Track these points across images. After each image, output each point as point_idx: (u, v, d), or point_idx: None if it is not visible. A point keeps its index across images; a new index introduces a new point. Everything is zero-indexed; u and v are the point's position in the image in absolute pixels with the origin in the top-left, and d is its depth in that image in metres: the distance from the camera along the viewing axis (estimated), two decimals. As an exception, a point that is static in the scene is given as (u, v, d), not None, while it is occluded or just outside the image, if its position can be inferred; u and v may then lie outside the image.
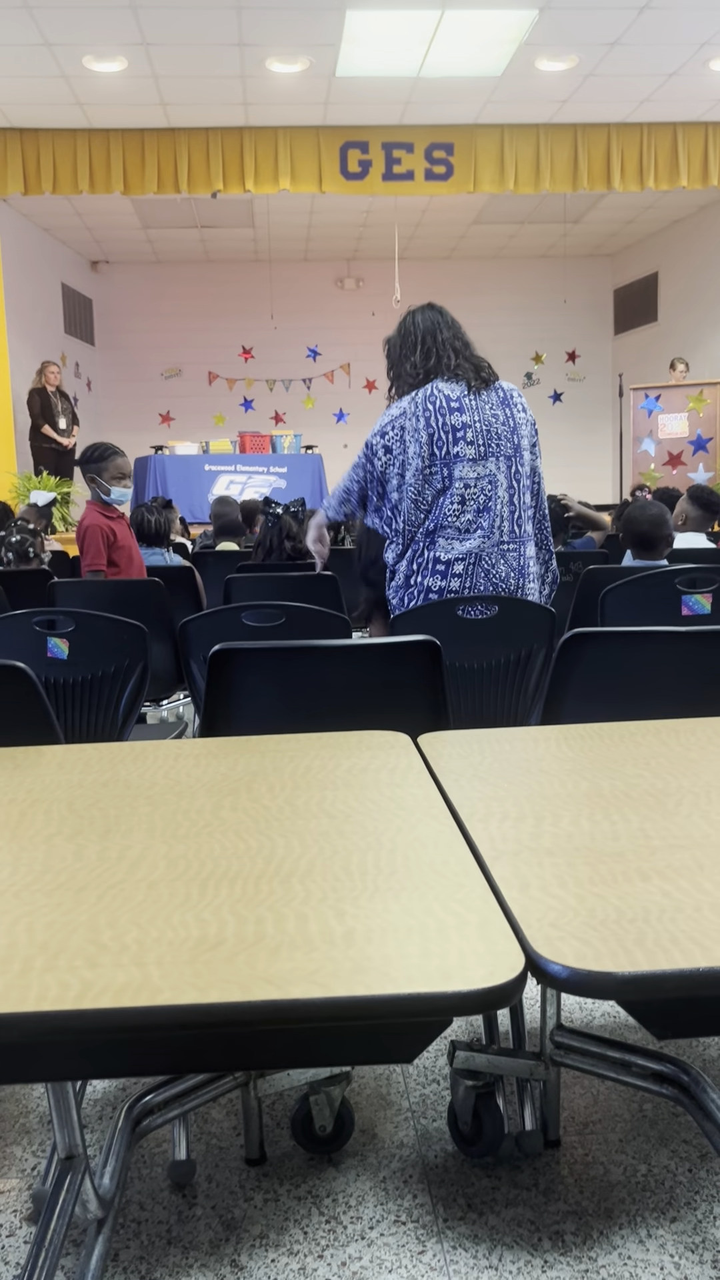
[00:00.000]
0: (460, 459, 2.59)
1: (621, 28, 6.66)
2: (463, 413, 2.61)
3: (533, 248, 12.33)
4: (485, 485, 2.60)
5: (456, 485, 2.60)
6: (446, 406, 2.61)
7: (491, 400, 2.64)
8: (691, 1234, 1.51)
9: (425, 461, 2.61)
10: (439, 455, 2.60)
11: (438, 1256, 1.48)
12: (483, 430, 2.61)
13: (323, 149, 8.18)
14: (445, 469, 2.60)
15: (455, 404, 2.61)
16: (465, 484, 2.59)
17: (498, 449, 2.61)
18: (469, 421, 2.60)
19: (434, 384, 2.66)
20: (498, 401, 2.65)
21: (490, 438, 2.61)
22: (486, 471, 2.60)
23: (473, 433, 2.60)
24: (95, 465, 3.87)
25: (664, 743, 1.46)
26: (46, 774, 1.40)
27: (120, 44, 6.67)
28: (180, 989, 0.78)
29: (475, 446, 2.60)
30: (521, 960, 0.81)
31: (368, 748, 1.47)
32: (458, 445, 2.59)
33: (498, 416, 2.63)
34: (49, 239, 10.89)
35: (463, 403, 2.62)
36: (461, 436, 2.60)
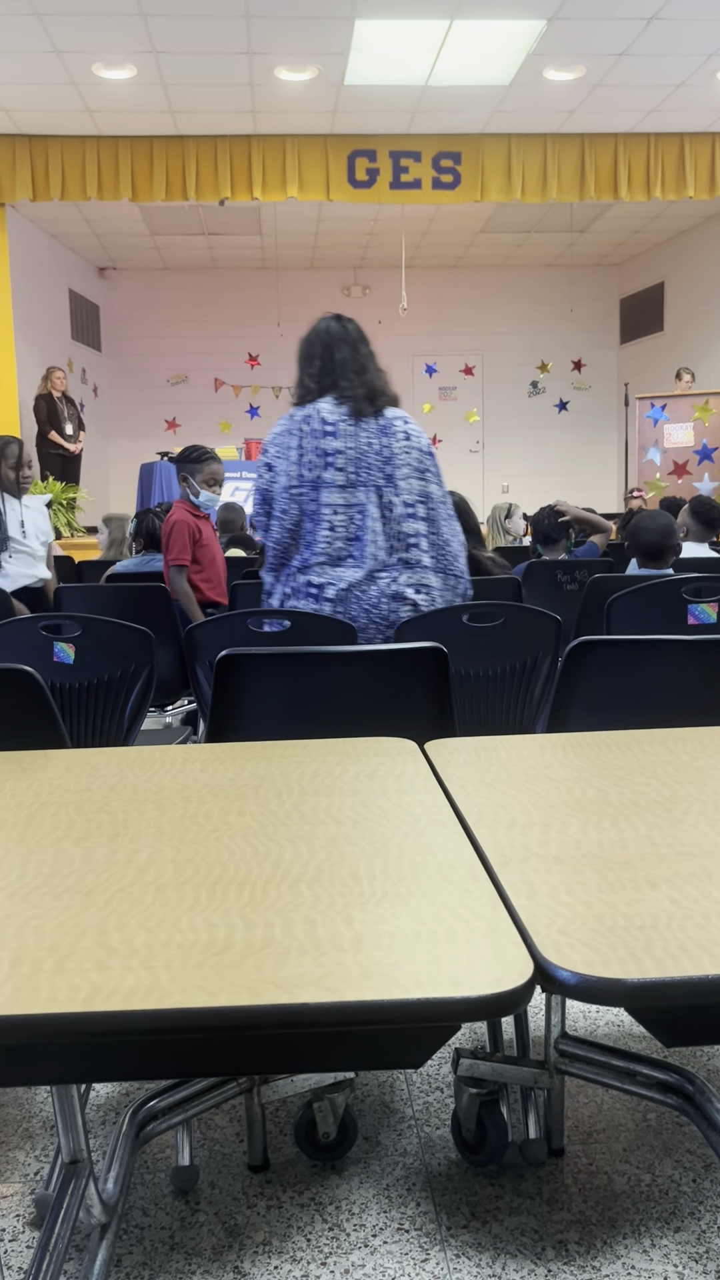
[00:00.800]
0: (328, 485, 2.55)
1: (629, 38, 6.69)
2: (336, 438, 2.56)
3: (539, 257, 12.36)
4: (355, 514, 2.56)
5: (325, 512, 2.56)
6: (321, 430, 2.57)
7: (370, 428, 2.59)
8: (695, 1244, 1.50)
9: (293, 481, 2.57)
10: (307, 478, 2.56)
11: (441, 1265, 1.47)
12: (354, 458, 2.56)
13: (330, 157, 8.21)
14: (313, 492, 2.56)
15: (330, 428, 2.57)
16: (334, 510, 2.56)
17: (368, 478, 2.56)
18: (340, 448, 2.56)
19: (318, 404, 2.62)
20: (376, 430, 2.60)
21: (361, 466, 2.56)
22: (356, 500, 2.56)
23: (343, 459, 2.56)
24: (190, 466, 3.95)
25: (671, 751, 1.46)
26: (54, 778, 1.40)
27: (130, 51, 6.70)
28: (189, 992, 0.79)
29: (345, 474, 2.56)
30: (530, 966, 0.81)
31: (375, 754, 1.47)
32: (327, 470, 2.55)
33: (372, 445, 2.58)
34: (57, 245, 10.93)
35: (338, 428, 2.57)
36: (331, 463, 2.56)
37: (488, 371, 13.07)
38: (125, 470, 11.86)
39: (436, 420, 13.15)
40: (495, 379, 13.09)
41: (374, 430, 2.60)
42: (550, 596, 3.93)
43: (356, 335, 2.73)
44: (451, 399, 13.13)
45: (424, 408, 13.10)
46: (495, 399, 13.14)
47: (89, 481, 9.91)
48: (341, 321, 2.74)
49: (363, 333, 2.75)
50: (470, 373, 13.07)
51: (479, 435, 13.20)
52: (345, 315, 2.77)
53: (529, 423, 13.18)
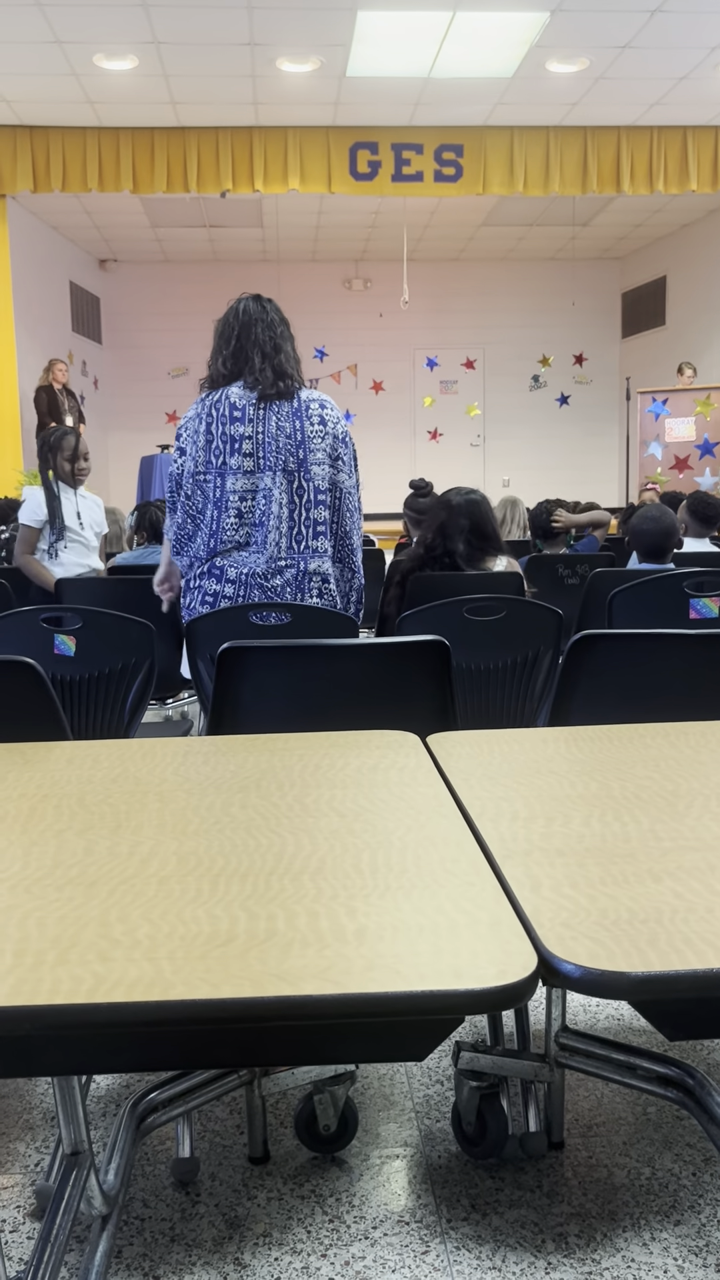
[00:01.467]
0: (234, 471, 2.50)
1: (633, 30, 6.66)
2: (243, 423, 2.50)
3: (541, 250, 12.33)
4: (260, 499, 2.50)
5: (230, 499, 2.50)
6: (229, 415, 2.51)
7: (281, 411, 2.52)
8: (695, 1238, 1.51)
9: (200, 467, 2.52)
10: (214, 464, 2.51)
11: (441, 1257, 1.47)
12: (261, 442, 2.50)
13: (332, 149, 8.19)
14: (219, 479, 2.50)
15: (238, 413, 2.50)
16: (240, 497, 2.50)
17: (276, 462, 2.50)
18: (248, 433, 2.49)
19: (227, 390, 2.55)
20: (288, 413, 2.52)
21: (269, 450, 2.49)
22: (262, 485, 2.50)
23: (250, 444, 2.50)
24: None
25: (673, 745, 1.45)
26: (56, 769, 1.40)
27: (131, 42, 6.67)
28: (192, 984, 0.78)
29: (252, 459, 2.49)
30: (534, 959, 0.81)
31: (376, 747, 1.46)
32: (233, 456, 2.49)
33: (283, 429, 2.51)
34: (57, 237, 10.90)
35: (246, 412, 2.50)
36: (238, 448, 2.49)
37: (489, 365, 13.05)
38: (125, 463, 11.85)
39: (437, 414, 13.13)
40: (496, 373, 13.07)
41: (286, 413, 2.52)
42: (551, 590, 3.92)
43: (275, 316, 2.64)
44: (452, 393, 13.11)
45: (425, 401, 13.08)
46: (496, 393, 13.12)
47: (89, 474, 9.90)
48: (260, 301, 2.65)
49: (282, 314, 2.66)
50: (471, 366, 13.05)
51: (480, 429, 13.19)
52: (266, 296, 2.69)
53: (530, 417, 13.16)
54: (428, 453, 13.11)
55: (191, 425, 2.58)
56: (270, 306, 2.65)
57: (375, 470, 12.86)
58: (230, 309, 2.67)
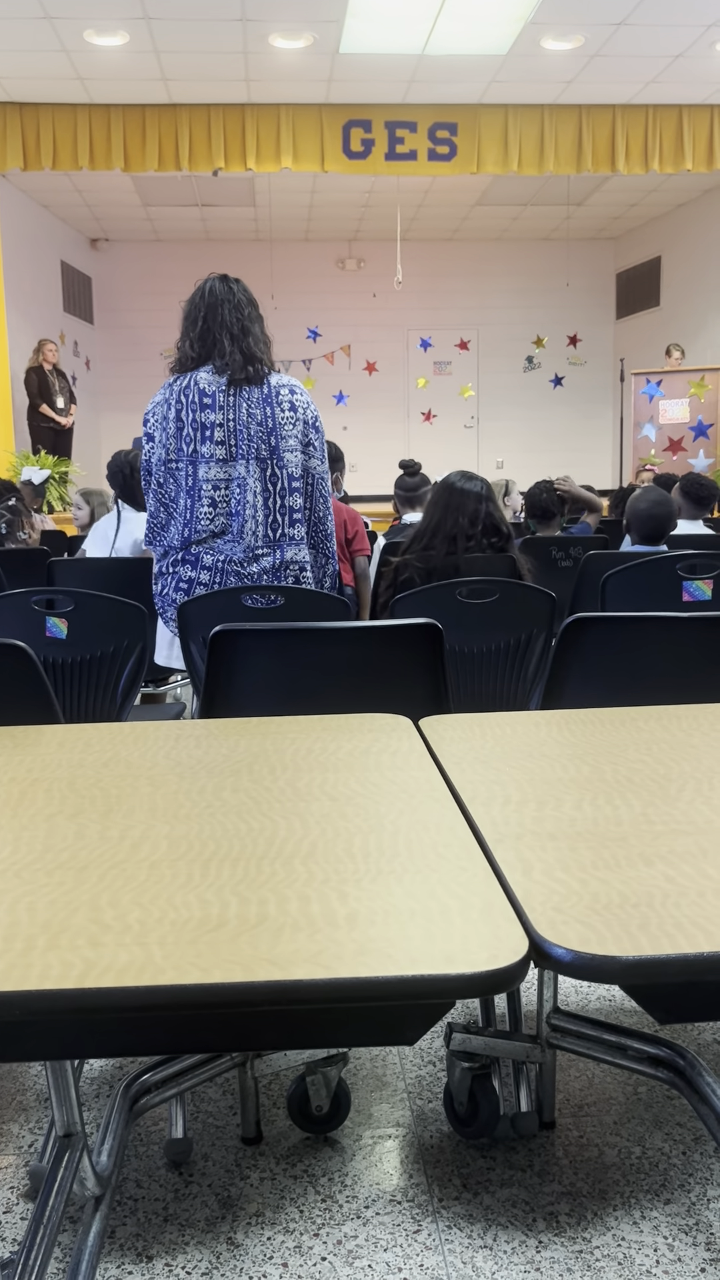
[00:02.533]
0: (206, 459, 2.47)
1: (628, 8, 6.60)
2: (214, 410, 2.46)
3: (535, 230, 12.26)
4: (235, 488, 2.48)
5: (204, 488, 2.48)
6: (198, 402, 2.47)
7: (253, 398, 2.48)
8: (685, 1216, 1.52)
9: (171, 455, 2.50)
10: (185, 451, 2.48)
11: (433, 1236, 1.49)
12: (233, 429, 2.46)
13: (325, 127, 8.11)
14: (190, 467, 2.47)
15: (208, 399, 2.47)
16: (214, 486, 2.47)
17: (249, 450, 2.46)
18: (219, 420, 2.46)
19: (196, 374, 2.51)
20: (259, 399, 2.48)
21: (241, 438, 2.46)
22: (236, 474, 2.47)
23: (222, 432, 2.46)
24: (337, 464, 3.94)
25: (665, 728, 1.45)
26: (47, 753, 1.39)
27: (122, 18, 6.59)
28: (183, 969, 0.78)
29: (225, 447, 2.46)
30: (525, 943, 0.81)
31: (369, 730, 1.46)
32: (205, 444, 2.46)
33: (254, 416, 2.47)
34: (48, 215, 10.81)
35: (215, 398, 2.47)
36: (209, 436, 2.46)
37: (483, 346, 13.00)
38: (117, 444, 11.76)
39: (431, 395, 13.08)
40: (490, 354, 13.02)
41: (256, 400, 2.49)
42: (545, 573, 3.92)
43: (242, 297, 2.59)
44: (446, 374, 13.06)
45: (419, 382, 13.03)
46: (490, 374, 13.07)
47: (80, 455, 9.86)
48: (227, 282, 2.60)
49: (250, 295, 2.61)
50: (465, 347, 12.99)
51: (473, 411, 13.14)
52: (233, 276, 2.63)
53: (524, 398, 13.12)
54: (421, 434, 13.07)
55: (159, 411, 2.54)
56: (238, 287, 2.60)
57: (368, 452, 12.83)
58: (196, 290, 2.61)
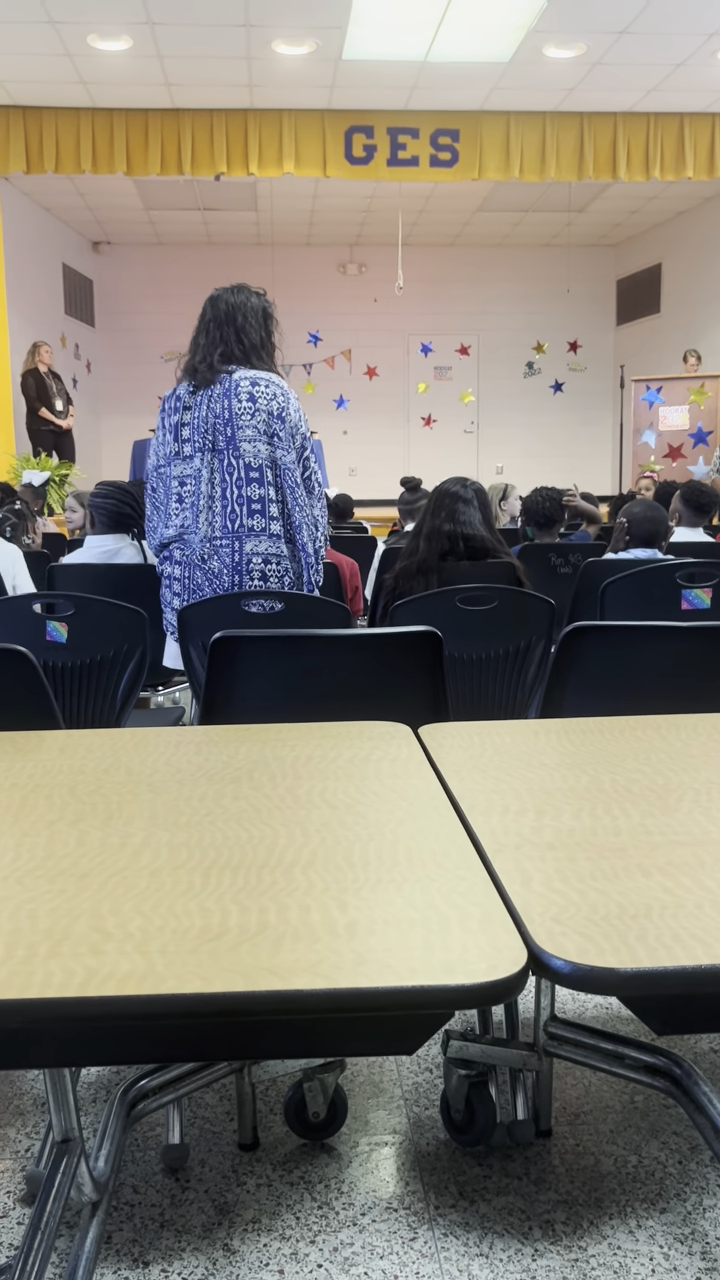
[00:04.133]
0: (176, 458, 2.57)
1: (630, 16, 6.62)
2: (180, 411, 2.57)
3: (537, 236, 12.28)
4: (190, 481, 2.56)
5: (174, 485, 2.58)
6: (175, 406, 2.58)
7: (214, 394, 2.54)
8: (681, 1225, 1.52)
9: (160, 460, 2.60)
10: (165, 454, 2.58)
11: (429, 1243, 1.49)
12: (199, 427, 2.54)
13: (327, 133, 8.13)
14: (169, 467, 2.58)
15: (183, 402, 2.57)
16: (180, 482, 2.57)
17: (205, 443, 2.54)
18: (188, 420, 2.56)
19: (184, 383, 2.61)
20: (219, 394, 2.53)
21: (204, 433, 2.54)
22: (193, 469, 2.55)
23: (189, 430, 2.56)
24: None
25: (664, 738, 1.46)
26: (48, 759, 1.40)
27: (125, 23, 6.61)
28: (184, 978, 0.79)
29: (191, 444, 2.55)
30: (524, 954, 0.82)
31: (368, 738, 1.47)
32: (180, 444, 2.56)
33: (213, 409, 2.53)
34: (50, 219, 10.82)
35: (183, 399, 2.57)
36: (179, 435, 2.57)
37: (483, 352, 13.02)
38: (118, 447, 11.80)
39: (431, 400, 13.10)
40: (491, 359, 13.04)
41: (218, 394, 2.54)
42: (543, 580, 3.92)
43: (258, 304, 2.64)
44: (447, 379, 13.07)
45: (419, 387, 13.05)
46: (490, 379, 13.08)
47: (80, 458, 9.87)
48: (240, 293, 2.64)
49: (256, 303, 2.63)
50: (466, 352, 13.01)
51: (474, 416, 13.16)
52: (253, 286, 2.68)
53: (524, 404, 13.13)
54: (421, 439, 13.09)
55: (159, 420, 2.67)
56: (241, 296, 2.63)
57: (368, 457, 12.84)
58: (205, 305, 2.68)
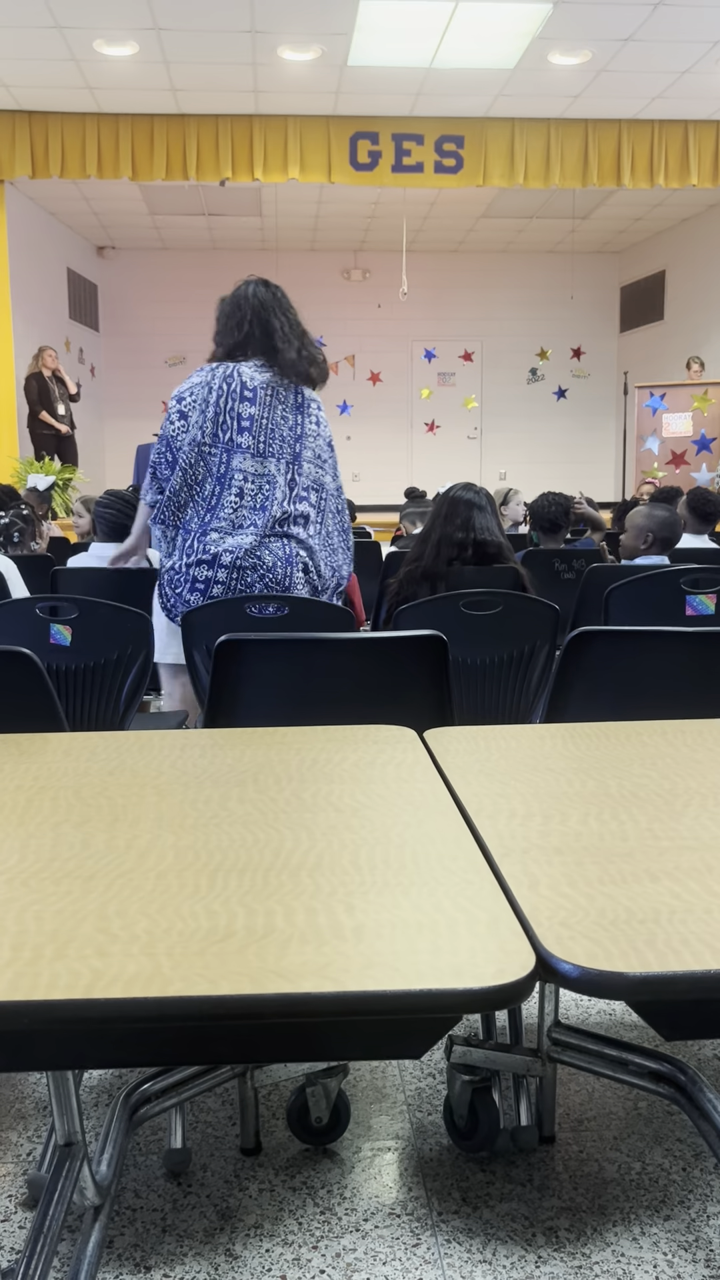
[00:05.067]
0: (240, 450, 2.53)
1: (635, 23, 6.64)
2: (253, 404, 2.53)
3: (540, 243, 12.30)
4: (264, 484, 2.54)
5: (236, 477, 2.53)
6: (240, 393, 2.54)
7: (288, 403, 2.57)
8: (685, 1233, 1.51)
9: (205, 438, 2.54)
10: (221, 439, 2.53)
11: (431, 1250, 1.48)
12: (266, 427, 2.54)
13: (332, 139, 8.15)
14: (225, 455, 2.53)
15: (249, 393, 2.54)
16: (245, 478, 2.53)
17: (279, 450, 2.55)
18: (256, 415, 2.53)
19: (240, 365, 2.58)
20: (293, 405, 2.58)
21: (273, 438, 2.54)
22: (266, 470, 2.54)
23: (256, 427, 2.54)
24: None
25: (670, 743, 1.46)
26: (53, 761, 1.39)
27: (131, 28, 6.63)
28: (191, 980, 0.78)
29: (258, 442, 2.54)
30: (532, 959, 0.81)
31: (374, 742, 1.46)
32: (241, 435, 2.53)
33: (287, 419, 2.56)
34: (55, 223, 10.85)
35: (257, 394, 2.54)
36: (246, 428, 2.53)
37: (487, 358, 13.03)
38: (121, 451, 11.81)
39: (435, 406, 13.11)
40: (494, 365, 13.05)
41: (290, 405, 2.58)
42: (547, 585, 3.92)
43: (288, 303, 2.70)
44: (450, 385, 13.08)
45: (423, 393, 13.06)
46: (494, 385, 13.10)
47: (83, 462, 9.88)
48: (271, 288, 2.70)
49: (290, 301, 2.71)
50: (469, 359, 13.03)
51: (477, 422, 13.17)
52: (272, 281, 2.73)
53: (527, 410, 13.14)
54: (425, 445, 13.10)
55: (199, 393, 2.58)
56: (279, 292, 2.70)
57: (372, 462, 12.84)
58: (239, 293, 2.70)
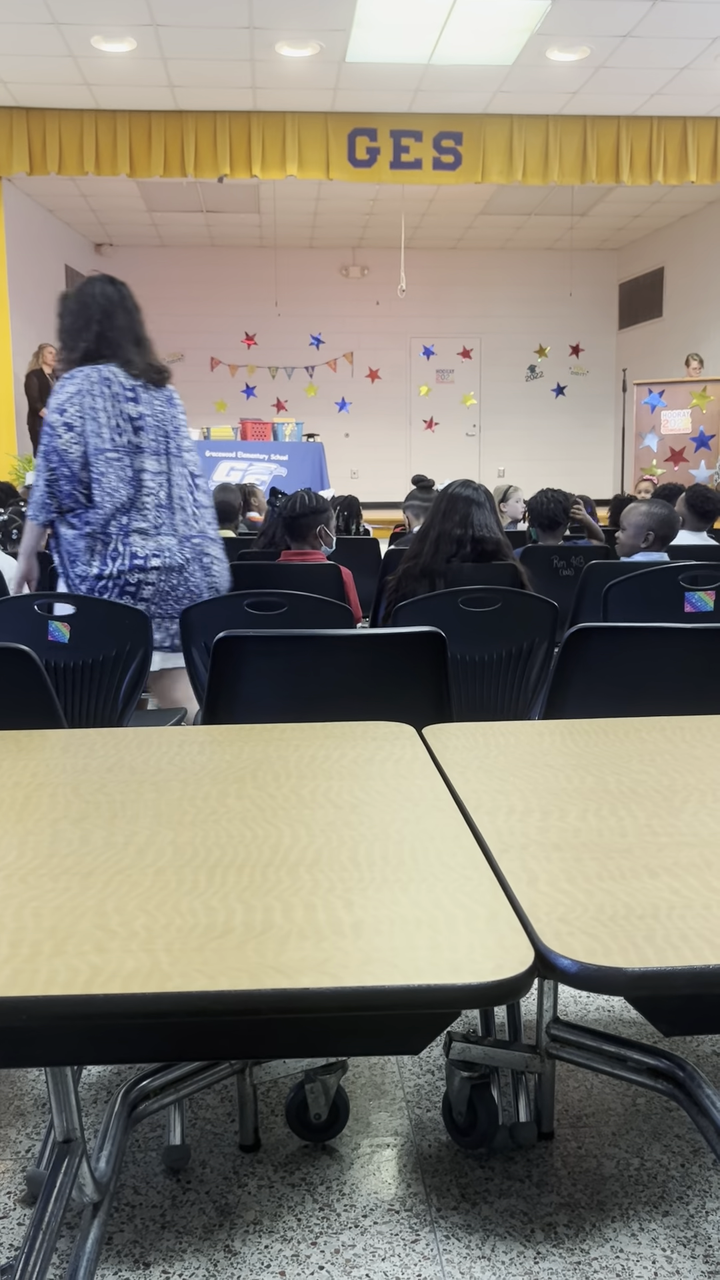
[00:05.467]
0: (142, 450, 2.58)
1: (634, 20, 6.63)
2: (138, 403, 2.59)
3: (539, 240, 12.30)
4: (164, 481, 2.60)
5: (145, 478, 2.59)
6: (123, 395, 2.59)
7: (159, 398, 2.63)
8: (683, 1228, 1.52)
9: (105, 444, 2.58)
10: (119, 443, 2.57)
11: (430, 1245, 1.48)
12: (154, 425, 2.59)
13: (331, 135, 8.14)
14: (130, 458, 2.57)
15: (130, 394, 2.59)
16: (152, 476, 2.59)
17: (168, 447, 2.61)
18: (145, 413, 2.59)
19: (108, 367, 2.62)
20: (164, 400, 2.64)
21: (162, 435, 2.60)
22: (163, 468, 2.59)
23: (147, 426, 2.59)
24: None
25: (669, 739, 1.46)
26: (51, 758, 1.39)
27: (129, 24, 6.62)
28: (189, 976, 0.78)
29: (155, 441, 2.59)
30: (531, 954, 0.81)
31: (373, 738, 1.46)
32: (138, 435, 2.58)
33: (166, 415, 2.62)
34: (53, 220, 10.84)
35: (138, 394, 2.60)
36: (140, 427, 2.58)
37: (485, 355, 13.03)
38: (120, 448, 11.78)
39: (433, 403, 13.11)
40: (493, 362, 13.05)
41: (163, 400, 2.63)
42: (546, 582, 3.92)
43: (133, 302, 2.74)
44: (449, 382, 13.08)
45: (421, 390, 13.05)
46: (493, 383, 13.09)
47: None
48: (116, 285, 2.73)
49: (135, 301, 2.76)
50: (468, 356, 13.02)
51: (475, 419, 13.17)
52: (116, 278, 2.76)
53: (526, 407, 13.15)
54: (423, 442, 13.09)
55: (82, 401, 2.59)
56: (125, 290, 2.74)
57: (370, 459, 12.84)
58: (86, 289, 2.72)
